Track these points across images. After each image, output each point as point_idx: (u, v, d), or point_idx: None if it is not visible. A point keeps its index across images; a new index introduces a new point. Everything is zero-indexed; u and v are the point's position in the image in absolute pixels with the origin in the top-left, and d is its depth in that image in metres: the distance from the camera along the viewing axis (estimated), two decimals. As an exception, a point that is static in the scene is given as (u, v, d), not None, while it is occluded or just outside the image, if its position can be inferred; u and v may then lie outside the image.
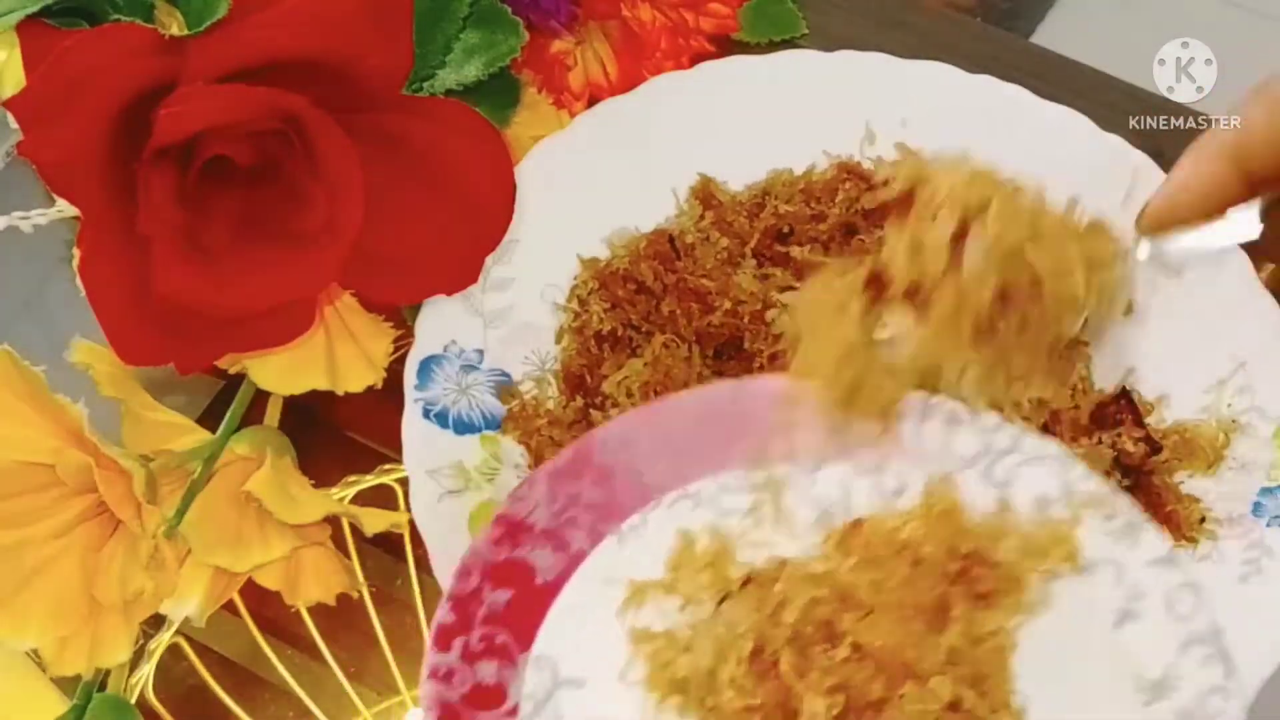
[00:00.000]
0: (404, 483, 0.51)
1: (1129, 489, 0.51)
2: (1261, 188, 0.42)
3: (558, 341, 0.54)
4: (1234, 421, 0.51)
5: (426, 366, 0.52)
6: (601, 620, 0.45)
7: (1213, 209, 0.43)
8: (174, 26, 0.46)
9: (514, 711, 0.43)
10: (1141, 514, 0.45)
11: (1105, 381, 0.53)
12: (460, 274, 0.51)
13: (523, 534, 0.45)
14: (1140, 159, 0.55)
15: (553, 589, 0.45)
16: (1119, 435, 0.51)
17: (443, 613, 0.44)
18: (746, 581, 0.45)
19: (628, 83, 0.60)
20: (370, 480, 0.55)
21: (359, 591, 0.52)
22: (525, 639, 0.44)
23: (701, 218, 0.56)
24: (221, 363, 0.49)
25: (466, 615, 0.44)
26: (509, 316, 0.54)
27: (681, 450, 0.46)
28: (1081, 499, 0.45)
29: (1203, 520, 0.50)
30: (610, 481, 0.46)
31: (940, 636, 0.43)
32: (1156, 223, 0.44)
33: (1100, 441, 0.51)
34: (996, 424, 0.46)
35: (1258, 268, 0.53)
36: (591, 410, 0.52)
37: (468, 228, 0.49)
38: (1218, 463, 0.51)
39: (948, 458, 0.46)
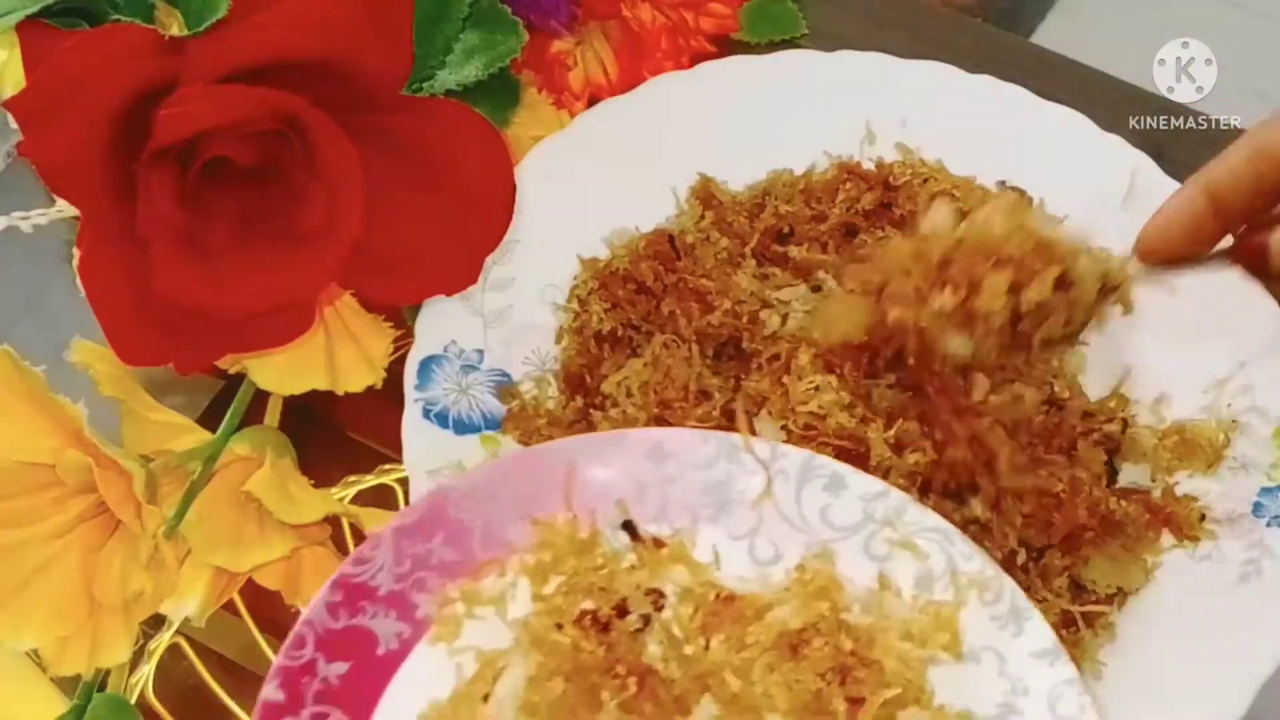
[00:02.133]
0: (404, 483, 0.51)
1: (1124, 490, 0.51)
2: (1233, 225, 0.43)
3: (558, 341, 0.54)
4: (1234, 422, 0.51)
5: (426, 366, 0.52)
6: (448, 694, 0.42)
7: (1193, 242, 0.44)
8: (174, 27, 0.46)
9: None
10: (1025, 600, 0.43)
11: (1103, 381, 0.53)
12: (460, 274, 0.51)
13: (364, 599, 0.42)
14: (1140, 159, 0.56)
15: (395, 660, 0.42)
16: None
17: (270, 690, 0.40)
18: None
19: (628, 83, 0.60)
20: (370, 480, 0.55)
21: (359, 591, 0.52)
22: (363, 717, 0.41)
23: (701, 218, 0.56)
24: (221, 363, 0.49)
25: (297, 692, 0.40)
26: (509, 316, 0.54)
27: (541, 504, 0.44)
28: (966, 579, 0.43)
29: (1203, 519, 0.50)
30: (466, 539, 0.43)
31: None
32: (1147, 251, 0.44)
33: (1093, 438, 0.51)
34: (880, 491, 0.45)
35: (1258, 267, 0.53)
36: (591, 410, 0.52)
37: (468, 228, 0.49)
38: (1218, 463, 0.51)
39: (826, 527, 0.45)
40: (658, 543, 0.45)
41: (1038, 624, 0.43)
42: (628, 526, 0.45)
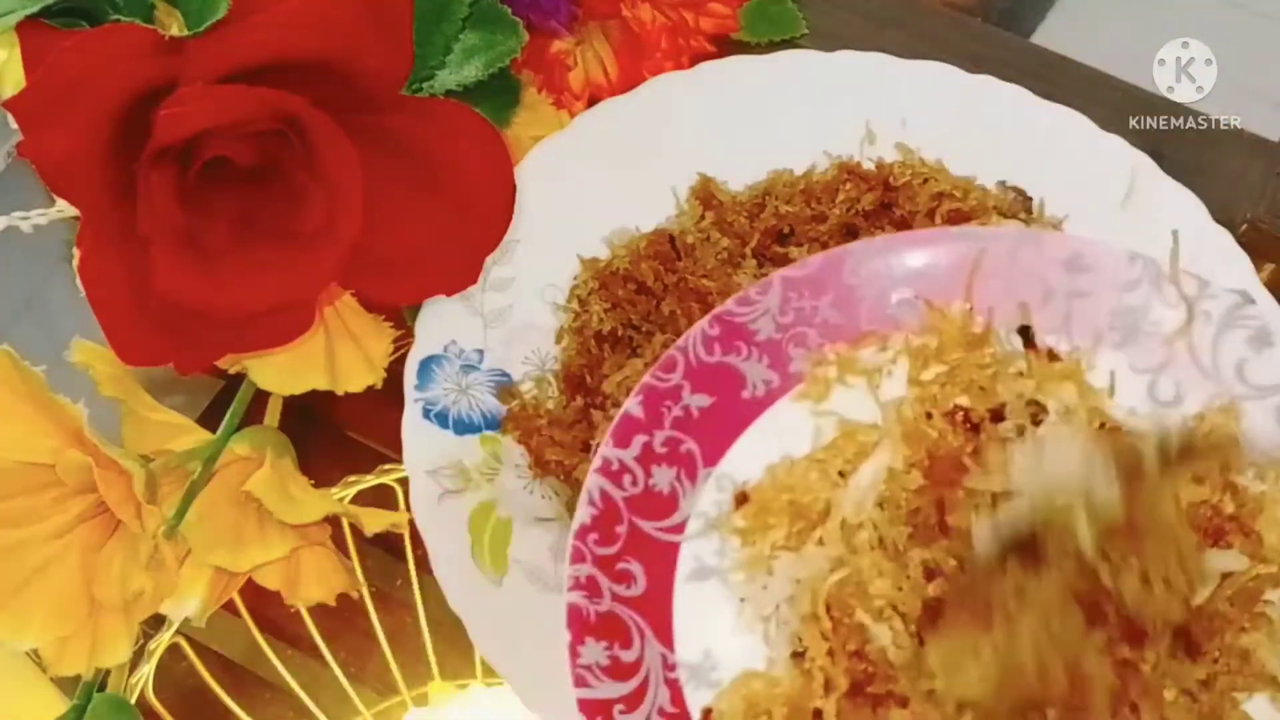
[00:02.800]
0: (404, 483, 0.51)
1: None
2: None
3: (558, 341, 0.54)
4: None
5: (426, 366, 0.52)
6: (804, 453, 0.41)
7: None
8: (174, 27, 0.46)
9: (680, 528, 0.40)
10: None
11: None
12: (460, 274, 0.51)
13: (740, 340, 0.41)
14: (1140, 159, 0.56)
15: (758, 406, 0.41)
16: None
17: (632, 403, 0.40)
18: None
19: (628, 83, 0.60)
20: (370, 480, 0.55)
21: (359, 591, 0.52)
22: (714, 453, 0.40)
23: (701, 218, 0.56)
24: (221, 363, 0.49)
25: (657, 412, 0.40)
26: (509, 316, 0.54)
27: (940, 287, 0.42)
28: None
29: None
30: (853, 305, 0.42)
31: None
32: None
33: None
34: None
35: (1258, 268, 0.53)
36: (592, 410, 0.52)
37: (468, 228, 0.49)
38: None
39: (1239, 381, 0.41)
40: (1052, 355, 0.42)
41: None
42: (1024, 332, 0.43)
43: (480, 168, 0.49)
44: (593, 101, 0.60)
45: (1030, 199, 0.56)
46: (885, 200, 0.55)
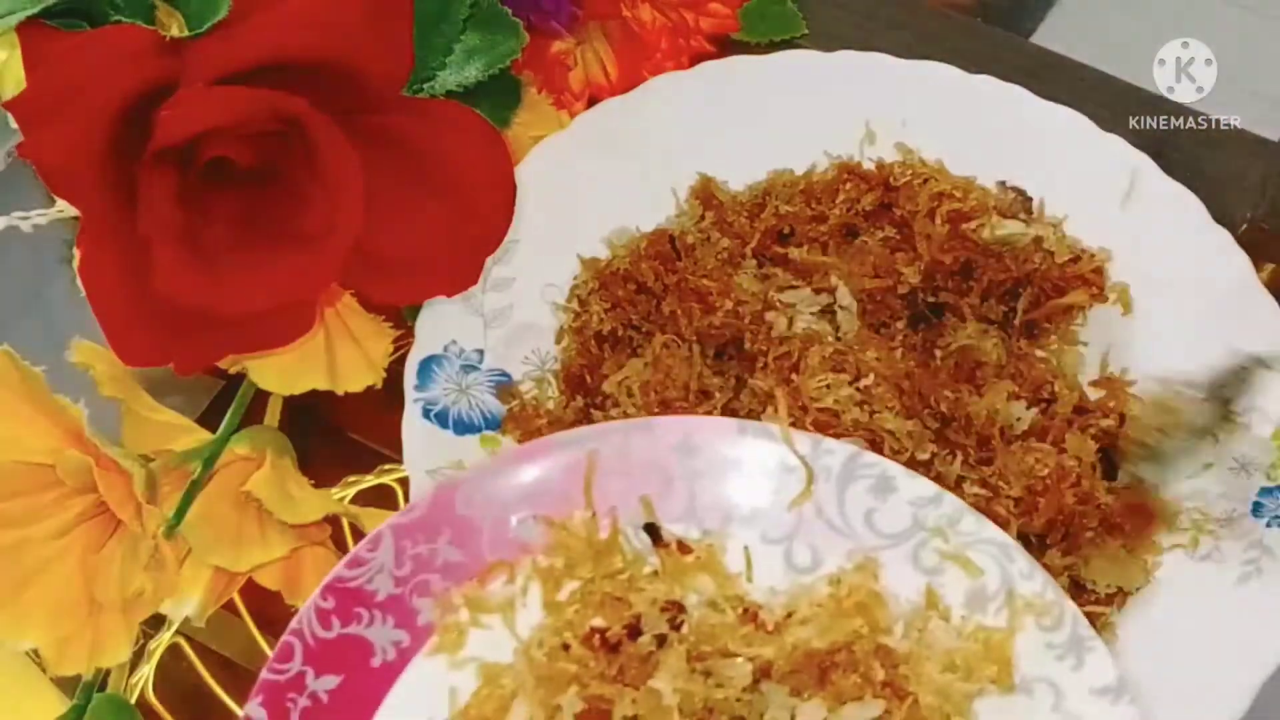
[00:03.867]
0: (404, 483, 0.51)
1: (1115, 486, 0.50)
2: None
3: (558, 341, 0.54)
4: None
5: (426, 366, 0.52)
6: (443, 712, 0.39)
7: None
8: (174, 28, 0.46)
9: None
10: (1089, 629, 0.40)
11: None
12: (460, 275, 0.51)
13: (359, 606, 0.39)
14: (1140, 159, 0.56)
15: (392, 672, 0.39)
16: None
17: (252, 708, 0.37)
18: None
19: (628, 83, 0.60)
20: (370, 480, 0.55)
21: (359, 591, 0.52)
22: None
23: (702, 218, 0.56)
24: (222, 363, 0.49)
25: (282, 709, 0.37)
26: (509, 316, 0.54)
27: (557, 501, 0.41)
28: (1023, 601, 0.40)
29: (1177, 515, 0.49)
30: (473, 539, 0.40)
31: None
32: None
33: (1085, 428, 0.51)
34: (933, 496, 0.41)
35: (1258, 268, 0.53)
36: (592, 410, 0.52)
37: (468, 228, 0.49)
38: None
39: (871, 533, 0.41)
40: (683, 548, 0.42)
41: (1101, 656, 0.39)
42: (650, 529, 0.42)
43: (480, 168, 0.49)
44: (593, 101, 0.60)
45: (1030, 199, 0.56)
46: (885, 200, 0.56)
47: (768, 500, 0.42)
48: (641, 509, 0.42)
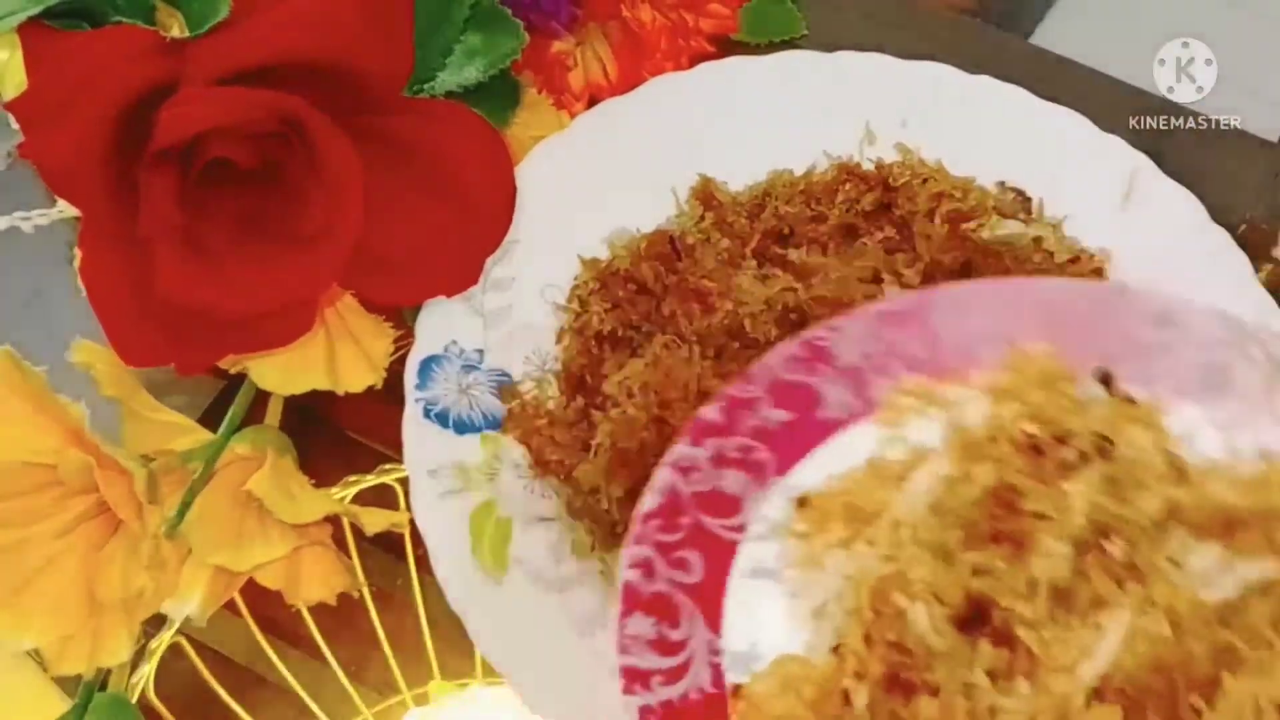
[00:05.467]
0: (404, 482, 0.51)
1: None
2: None
3: (558, 341, 0.54)
4: None
5: (427, 366, 0.52)
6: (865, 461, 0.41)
7: None
8: (175, 28, 0.47)
9: (741, 528, 0.41)
10: None
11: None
12: (461, 275, 0.51)
13: (823, 363, 0.42)
14: (1140, 159, 0.56)
15: (833, 427, 0.42)
16: None
17: (711, 411, 0.41)
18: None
19: (628, 83, 0.60)
20: (370, 480, 0.55)
21: (359, 591, 0.52)
22: (785, 464, 0.41)
23: (702, 218, 0.56)
24: (222, 363, 0.49)
25: (734, 420, 0.41)
26: (509, 316, 0.54)
27: (1023, 324, 0.42)
28: None
29: None
30: (939, 343, 0.43)
31: None
32: None
33: None
34: None
35: (1258, 268, 0.53)
36: (592, 410, 0.52)
37: (468, 228, 0.49)
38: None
39: None
40: (1130, 401, 0.43)
41: None
42: (1104, 379, 0.43)
43: (480, 168, 0.49)
44: (593, 102, 0.60)
45: (1030, 199, 0.56)
46: (885, 200, 0.56)
47: (1227, 388, 0.43)
48: (1101, 361, 0.43)
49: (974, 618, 0.39)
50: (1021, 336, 0.43)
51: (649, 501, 0.41)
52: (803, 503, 0.43)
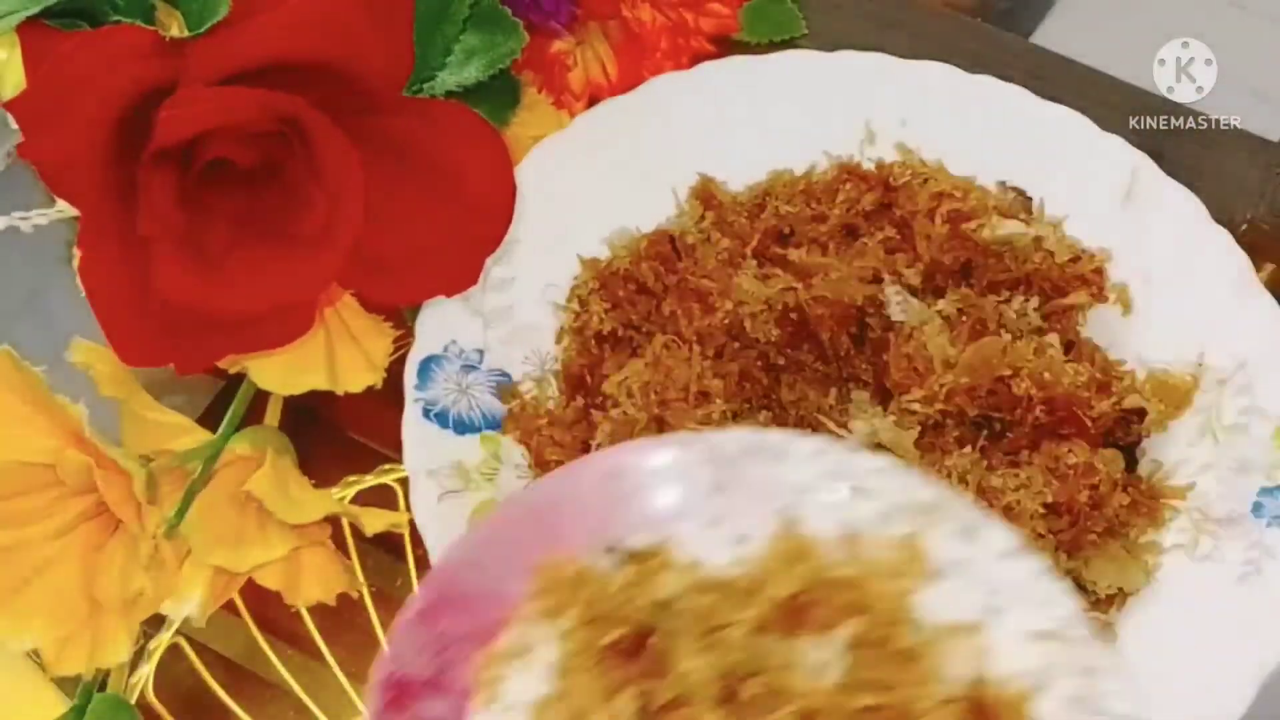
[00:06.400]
0: (404, 483, 0.51)
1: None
2: None
3: (558, 341, 0.54)
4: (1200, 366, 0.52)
5: (426, 366, 0.52)
6: None
7: None
8: (174, 28, 0.47)
9: None
10: (979, 512, 0.42)
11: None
12: (460, 275, 0.51)
13: (409, 693, 0.41)
14: (1140, 159, 0.56)
15: None
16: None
17: None
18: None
19: (628, 83, 0.60)
20: (370, 480, 0.55)
21: (359, 591, 0.52)
22: None
23: (702, 218, 0.56)
24: (222, 363, 0.49)
25: None
26: (509, 316, 0.54)
27: (529, 553, 0.43)
28: (918, 508, 0.42)
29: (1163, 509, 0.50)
30: (473, 607, 0.43)
31: None
32: None
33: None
34: (818, 449, 0.44)
35: (1258, 268, 0.53)
36: (592, 410, 0.52)
37: (468, 229, 0.49)
38: (1187, 405, 0.51)
39: (782, 491, 0.43)
40: (641, 557, 0.43)
41: (999, 529, 0.42)
42: (609, 547, 0.44)
43: (480, 168, 0.49)
44: (593, 101, 0.60)
45: (1030, 199, 0.56)
46: (885, 200, 0.56)
47: (687, 495, 0.44)
48: (595, 536, 0.44)
49: None
50: (532, 556, 0.43)
51: None
52: None
